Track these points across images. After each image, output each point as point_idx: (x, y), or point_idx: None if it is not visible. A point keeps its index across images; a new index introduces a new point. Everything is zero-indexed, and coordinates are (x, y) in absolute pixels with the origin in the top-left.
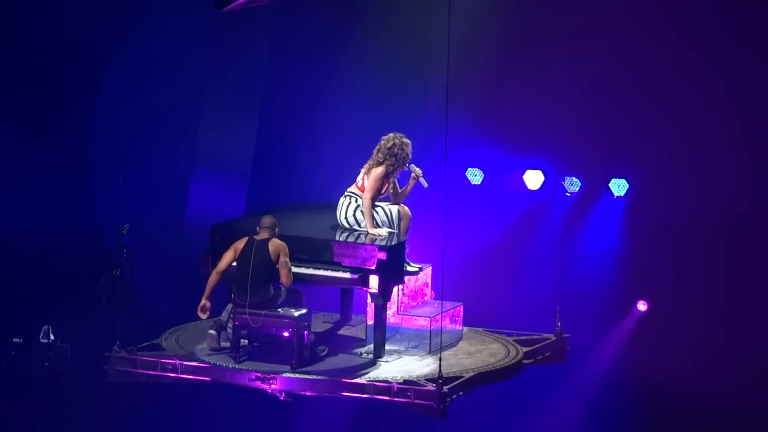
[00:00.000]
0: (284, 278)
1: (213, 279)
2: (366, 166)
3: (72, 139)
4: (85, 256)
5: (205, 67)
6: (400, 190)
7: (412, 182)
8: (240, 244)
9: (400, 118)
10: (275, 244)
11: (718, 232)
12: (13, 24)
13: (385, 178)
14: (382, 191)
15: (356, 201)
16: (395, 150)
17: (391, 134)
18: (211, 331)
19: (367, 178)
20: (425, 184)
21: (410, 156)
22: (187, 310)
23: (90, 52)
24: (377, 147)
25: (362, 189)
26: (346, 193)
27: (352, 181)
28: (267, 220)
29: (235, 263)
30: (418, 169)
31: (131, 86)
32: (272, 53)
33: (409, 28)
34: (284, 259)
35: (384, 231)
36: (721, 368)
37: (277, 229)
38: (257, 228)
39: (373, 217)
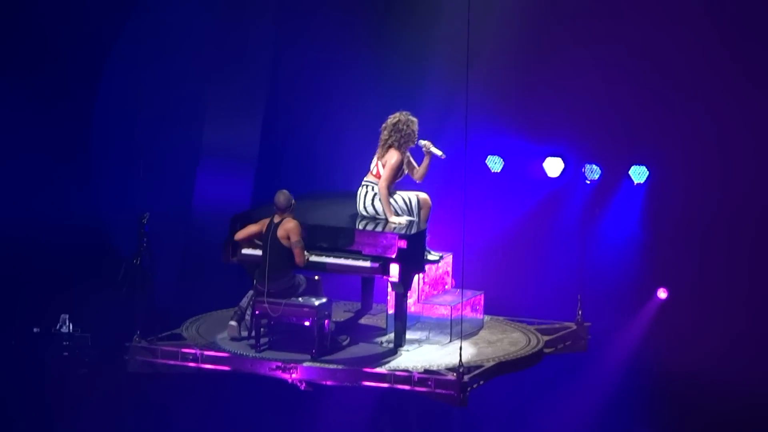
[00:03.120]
0: (297, 257)
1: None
2: (378, 151)
3: (80, 130)
4: (101, 246)
5: (212, 56)
6: (417, 167)
7: (427, 156)
8: (263, 225)
9: (417, 106)
10: (285, 227)
11: (738, 219)
12: (16, 13)
13: (398, 165)
14: (398, 175)
15: (373, 189)
16: (400, 126)
17: (397, 112)
18: (232, 323)
19: (381, 165)
20: (439, 153)
21: (416, 132)
22: (205, 299)
23: (94, 42)
24: (383, 125)
25: (378, 176)
26: (363, 183)
27: (365, 169)
28: (281, 198)
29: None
30: (426, 141)
31: (137, 75)
32: (279, 41)
33: (427, 14)
34: (296, 238)
35: (404, 219)
36: (743, 356)
37: (293, 204)
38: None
39: (390, 205)
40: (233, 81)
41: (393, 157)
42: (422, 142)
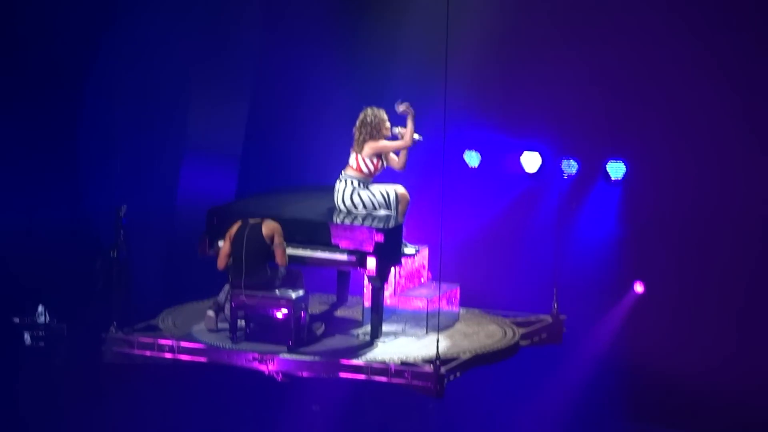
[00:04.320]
0: (279, 258)
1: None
2: (354, 147)
3: (64, 122)
4: (80, 238)
5: (196, 50)
6: (397, 158)
7: (410, 118)
8: (233, 229)
9: (393, 101)
10: (269, 226)
11: (715, 215)
12: None
13: (383, 144)
14: (378, 165)
15: (352, 183)
16: (368, 119)
17: (362, 110)
18: (210, 312)
19: (360, 159)
20: (417, 137)
21: (386, 119)
22: (182, 291)
23: (78, 37)
24: (354, 128)
25: (359, 170)
26: (341, 177)
27: (342, 163)
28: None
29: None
30: (400, 128)
31: (120, 70)
32: (264, 34)
33: (406, 10)
34: (279, 239)
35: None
36: (719, 351)
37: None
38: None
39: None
40: (217, 75)
41: (375, 144)
42: (397, 130)
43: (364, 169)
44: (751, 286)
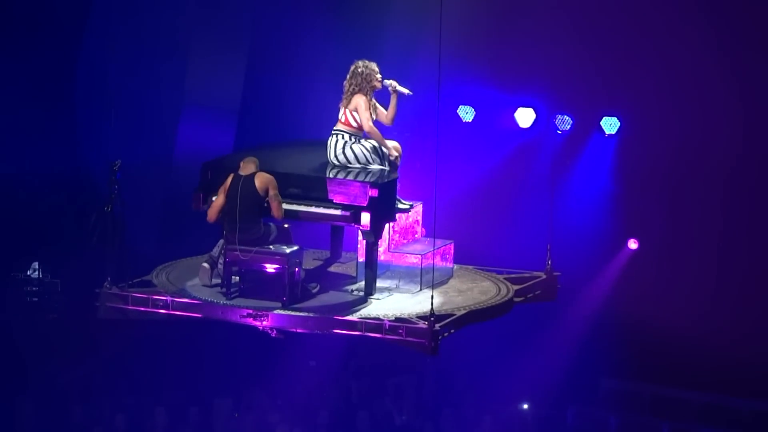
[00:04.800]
0: (275, 211)
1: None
2: (343, 101)
3: (58, 76)
4: (74, 193)
5: (194, 4)
6: (386, 111)
7: (393, 96)
8: (227, 183)
9: (390, 56)
10: (262, 178)
11: (709, 171)
12: None
13: (367, 105)
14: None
15: (343, 138)
16: (359, 70)
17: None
18: (204, 264)
19: (348, 113)
20: (406, 91)
21: (377, 71)
22: (177, 246)
23: None
24: (345, 81)
25: (347, 124)
26: (333, 131)
27: (335, 118)
28: (250, 158)
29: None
30: (391, 81)
31: (118, 24)
32: None
33: None
34: (273, 192)
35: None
36: (711, 308)
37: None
38: (240, 164)
39: (383, 140)
40: (216, 29)
41: (360, 99)
42: (387, 82)
43: (353, 123)
44: (745, 242)
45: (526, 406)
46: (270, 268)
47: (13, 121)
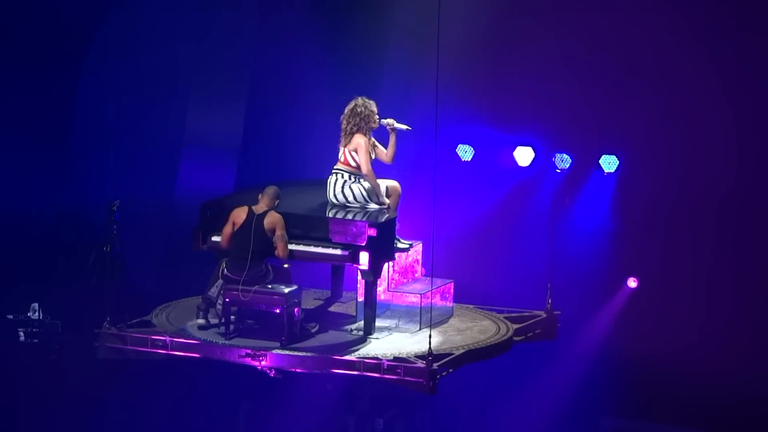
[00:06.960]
0: (281, 251)
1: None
2: (342, 140)
3: (59, 116)
4: (74, 233)
5: (195, 44)
6: (386, 150)
7: (392, 134)
8: (239, 217)
9: (389, 95)
10: (272, 218)
11: (708, 209)
12: None
13: (367, 147)
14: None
15: (342, 177)
16: (358, 109)
17: (352, 99)
18: (200, 321)
19: (348, 152)
20: (405, 127)
21: (375, 111)
22: (177, 286)
23: (76, 27)
24: (342, 116)
25: (346, 163)
26: (333, 171)
27: (335, 157)
28: (270, 190)
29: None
30: (388, 119)
31: (119, 62)
32: (262, 29)
33: (400, 7)
34: (281, 232)
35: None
36: (710, 344)
37: (278, 201)
38: (258, 197)
39: (379, 186)
40: (217, 68)
41: (360, 140)
42: (385, 121)
43: (352, 162)
44: (743, 280)
45: None
46: (269, 308)
47: (11, 160)
